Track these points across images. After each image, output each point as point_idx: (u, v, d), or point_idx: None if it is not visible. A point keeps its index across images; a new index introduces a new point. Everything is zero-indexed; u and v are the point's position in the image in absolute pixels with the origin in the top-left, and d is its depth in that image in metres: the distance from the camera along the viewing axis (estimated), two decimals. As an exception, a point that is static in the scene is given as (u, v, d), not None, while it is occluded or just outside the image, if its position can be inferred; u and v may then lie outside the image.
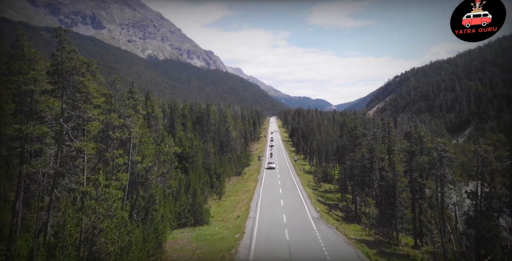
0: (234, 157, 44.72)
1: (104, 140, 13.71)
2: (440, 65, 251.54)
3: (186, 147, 31.41)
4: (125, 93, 15.95)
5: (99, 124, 12.98)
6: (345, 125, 36.03)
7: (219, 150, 47.34)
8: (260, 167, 43.27)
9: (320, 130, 53.04)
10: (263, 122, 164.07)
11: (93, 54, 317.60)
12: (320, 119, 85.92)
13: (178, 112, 46.38)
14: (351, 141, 29.18)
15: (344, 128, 35.96)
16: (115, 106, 14.38)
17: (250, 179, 35.46)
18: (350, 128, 29.46)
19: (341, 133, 37.43)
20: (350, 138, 29.31)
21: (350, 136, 29.33)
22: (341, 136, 36.66)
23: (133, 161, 16.15)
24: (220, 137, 46.96)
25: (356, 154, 26.63)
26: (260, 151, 69.42)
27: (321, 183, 35.56)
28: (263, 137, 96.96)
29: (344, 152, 31.92)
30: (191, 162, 31.40)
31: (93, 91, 13.44)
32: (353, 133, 28.68)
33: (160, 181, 16.13)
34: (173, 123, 40.60)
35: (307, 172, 45.59)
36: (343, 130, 36.36)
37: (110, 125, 13.65)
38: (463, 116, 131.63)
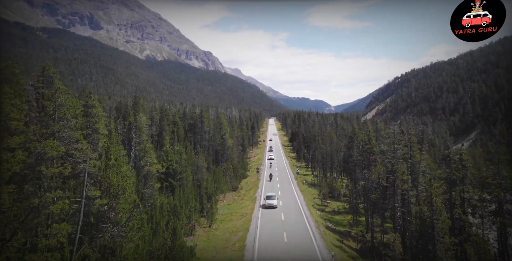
0: (230, 168, 40.59)
1: (33, 179, 9.62)
2: (441, 67, 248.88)
3: (173, 162, 27.25)
4: (73, 109, 11.79)
5: (21, 156, 8.89)
6: (355, 136, 31.85)
7: (213, 159, 43.15)
8: (259, 180, 39.13)
9: (324, 137, 49.09)
10: (262, 124, 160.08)
11: (90, 55, 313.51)
12: (322, 123, 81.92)
13: (169, 118, 42.21)
14: (364, 157, 25.10)
15: (354, 139, 31.81)
16: (54, 129, 10.28)
17: (247, 196, 31.39)
18: (363, 142, 25.35)
19: (350, 144, 33.23)
20: (362, 153, 25.22)
21: (363, 150, 25.23)
22: (350, 147, 32.54)
23: (89, 196, 11.98)
24: (215, 146, 42.84)
25: (371, 173, 22.60)
26: (259, 158, 65.24)
27: (327, 200, 31.49)
28: (262, 141, 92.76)
29: (355, 168, 27.85)
30: (179, 179, 27.22)
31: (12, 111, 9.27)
32: (367, 148, 24.58)
33: (117, 232, 11.90)
34: (162, 132, 36.44)
35: (310, 184, 41.50)
36: (352, 141, 32.20)
37: (44, 157, 9.57)
38: (468, 119, 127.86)
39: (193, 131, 41.60)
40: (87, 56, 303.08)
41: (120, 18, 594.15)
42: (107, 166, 15.91)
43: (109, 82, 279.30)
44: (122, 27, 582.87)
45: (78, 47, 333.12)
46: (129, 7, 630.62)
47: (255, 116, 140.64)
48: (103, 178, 15.27)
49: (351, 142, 33.26)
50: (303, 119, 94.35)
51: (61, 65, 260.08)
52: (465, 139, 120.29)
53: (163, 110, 43.35)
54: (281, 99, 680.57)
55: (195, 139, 41.35)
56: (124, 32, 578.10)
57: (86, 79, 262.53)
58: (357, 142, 29.49)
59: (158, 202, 21.23)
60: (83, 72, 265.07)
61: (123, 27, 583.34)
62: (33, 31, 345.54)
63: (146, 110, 49.81)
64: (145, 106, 48.87)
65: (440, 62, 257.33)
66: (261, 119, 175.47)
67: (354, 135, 32.63)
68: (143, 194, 20.96)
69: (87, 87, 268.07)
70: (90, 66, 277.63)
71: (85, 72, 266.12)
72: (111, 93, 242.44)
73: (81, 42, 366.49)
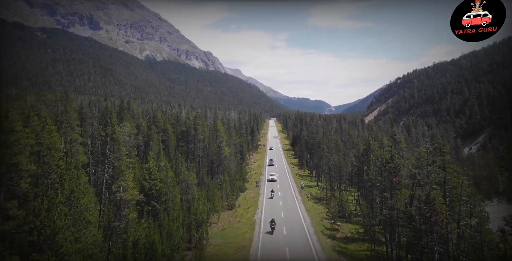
0: (227, 180, 36.42)
1: None
2: (444, 67, 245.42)
3: (158, 181, 23.05)
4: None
5: None
6: (370, 150, 27.46)
7: (208, 171, 38.93)
8: (258, 195, 34.93)
9: (329, 144, 44.99)
10: (262, 126, 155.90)
11: (88, 55, 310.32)
12: (325, 127, 77.67)
13: (159, 125, 38.00)
14: (384, 177, 20.87)
15: (370, 153, 27.45)
16: None
17: (245, 218, 27.24)
18: (384, 160, 21.07)
19: (364, 157, 28.86)
20: (383, 173, 20.94)
21: (384, 170, 20.94)
22: (363, 161, 28.26)
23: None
24: (210, 156, 38.66)
25: (395, 199, 18.41)
26: (259, 165, 61.02)
27: (337, 222, 27.34)
28: (262, 146, 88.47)
29: (372, 188, 23.58)
30: (163, 202, 23.03)
31: None
32: (389, 167, 20.33)
33: None
34: (149, 142, 32.25)
35: (315, 198, 37.33)
36: (367, 155, 27.84)
37: None
38: (476, 122, 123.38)
39: (186, 139, 37.42)
40: (85, 56, 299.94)
41: (119, 19, 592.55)
42: (50, 205, 11.72)
43: (107, 83, 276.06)
44: (122, 28, 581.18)
45: (77, 47, 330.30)
46: (129, 7, 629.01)
47: (255, 118, 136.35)
48: (43, 224, 11.11)
49: (365, 155, 28.83)
50: (305, 123, 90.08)
51: (59, 65, 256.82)
52: (472, 142, 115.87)
53: (154, 116, 39.17)
54: (281, 99, 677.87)
55: (188, 148, 37.14)
56: (123, 33, 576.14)
57: (84, 79, 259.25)
58: (374, 158, 25.26)
59: (132, 237, 17.03)
60: (82, 72, 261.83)
61: (122, 28, 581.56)
62: (32, 32, 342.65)
63: (136, 115, 45.66)
64: (135, 111, 44.72)
65: (442, 62, 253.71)
66: (261, 121, 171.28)
67: (369, 147, 28.29)
68: (114, 228, 16.77)
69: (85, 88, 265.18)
70: (88, 67, 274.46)
71: (83, 73, 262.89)
72: (109, 94, 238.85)
73: (80, 43, 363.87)
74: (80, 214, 13.71)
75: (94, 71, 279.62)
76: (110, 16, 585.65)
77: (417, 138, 77.57)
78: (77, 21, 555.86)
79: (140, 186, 22.71)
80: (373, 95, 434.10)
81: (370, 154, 27.21)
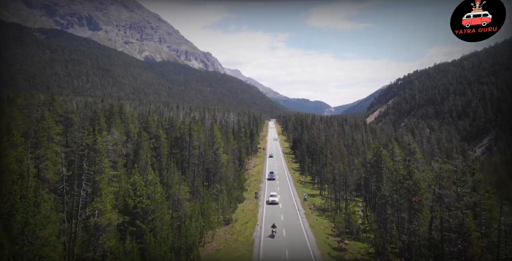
0: (224, 190, 33.78)
1: None
2: (445, 68, 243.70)
3: (144, 197, 20.40)
4: None
5: None
6: (382, 161, 24.67)
7: (204, 180, 36.27)
8: (258, 207, 32.26)
9: (332, 150, 42.42)
10: (261, 128, 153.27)
11: (87, 56, 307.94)
12: (327, 131, 75.09)
13: (151, 131, 35.33)
14: (402, 195, 18.18)
15: (381, 165, 24.74)
16: None
17: (242, 237, 24.61)
18: (402, 176, 18.35)
19: (375, 169, 26.14)
20: (400, 190, 18.20)
21: (401, 187, 18.21)
22: (374, 173, 25.67)
23: None
24: (206, 163, 36.01)
25: (417, 222, 15.74)
26: (258, 170, 58.35)
27: (345, 240, 24.73)
28: (262, 149, 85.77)
29: (385, 205, 20.88)
30: (150, 221, 20.37)
31: None
32: (407, 185, 17.60)
33: None
34: (139, 150, 29.58)
35: (319, 209, 34.72)
36: (379, 167, 25.13)
37: None
38: (480, 124, 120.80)
39: (180, 146, 34.78)
40: (84, 57, 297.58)
41: (119, 19, 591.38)
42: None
43: (106, 84, 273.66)
44: (121, 28, 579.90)
45: (76, 48, 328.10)
46: (128, 8, 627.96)
47: (254, 120, 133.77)
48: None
49: (376, 167, 26.05)
50: (306, 126, 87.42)
51: (57, 66, 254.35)
52: (477, 145, 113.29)
53: (146, 121, 36.53)
54: (281, 100, 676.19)
55: (182, 156, 34.49)
56: (123, 33, 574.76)
57: (82, 80, 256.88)
58: (387, 171, 22.57)
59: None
60: (80, 73, 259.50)
61: (122, 28, 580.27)
62: (30, 32, 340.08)
63: (129, 119, 42.98)
64: (127, 115, 42.04)
65: (443, 63, 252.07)
66: (261, 122, 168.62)
67: (380, 158, 25.51)
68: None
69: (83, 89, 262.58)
70: (87, 67, 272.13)
71: (81, 74, 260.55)
72: (108, 95, 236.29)
73: (78, 43, 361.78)
74: (36, 252, 11.06)
75: (93, 72, 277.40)
76: (109, 16, 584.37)
77: (421, 140, 75.11)
78: (76, 21, 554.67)
79: (123, 204, 20.04)
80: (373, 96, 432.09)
81: (381, 165, 24.50)
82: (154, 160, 31.66)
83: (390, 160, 24.94)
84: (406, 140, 60.54)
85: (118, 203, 20.23)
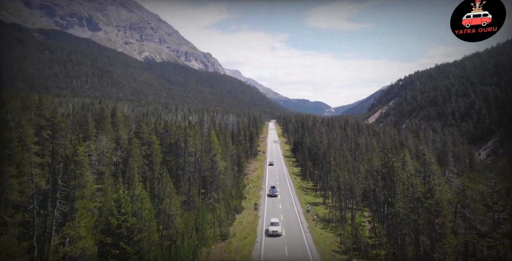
0: (221, 203, 31.64)
1: None
2: (447, 69, 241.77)
3: (129, 215, 18.27)
4: None
5: None
6: (395, 176, 22.02)
7: (200, 189, 34.11)
8: (257, 219, 30.07)
9: (336, 156, 40.39)
10: (261, 129, 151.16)
11: (86, 57, 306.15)
12: (329, 134, 72.95)
13: (143, 136, 33.19)
14: (421, 215, 15.93)
15: (394, 178, 22.33)
16: None
17: (241, 255, 22.49)
18: (422, 195, 16.06)
19: (387, 182, 23.61)
20: (418, 209, 15.92)
21: (420, 206, 15.97)
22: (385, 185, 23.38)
23: None
24: (203, 171, 33.90)
25: (443, 252, 13.57)
26: (258, 175, 56.21)
27: (353, 259, 22.61)
28: (262, 152, 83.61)
29: (401, 224, 18.63)
30: (136, 242, 18.23)
31: None
32: (428, 204, 15.31)
33: None
34: (128, 158, 27.43)
35: (323, 220, 32.59)
36: (391, 180, 22.69)
37: None
38: (484, 126, 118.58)
39: (175, 152, 32.69)
40: (83, 57, 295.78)
41: (118, 20, 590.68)
42: None
43: (105, 84, 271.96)
44: (121, 29, 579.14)
45: (75, 48, 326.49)
46: (128, 8, 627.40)
47: (254, 121, 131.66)
48: None
49: (388, 179, 23.49)
50: (307, 128, 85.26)
51: (56, 67, 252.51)
52: (481, 148, 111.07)
53: (138, 126, 34.39)
54: (281, 100, 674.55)
55: (177, 164, 32.36)
56: (122, 34, 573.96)
57: (81, 81, 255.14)
58: (401, 186, 20.21)
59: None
60: (79, 74, 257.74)
61: (121, 29, 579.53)
62: (30, 33, 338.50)
63: (122, 123, 40.84)
64: (121, 119, 39.88)
65: (445, 64, 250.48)
66: (261, 123, 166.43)
67: (393, 170, 23.02)
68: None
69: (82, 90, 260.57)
70: (86, 68, 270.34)
71: (80, 74, 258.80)
72: (107, 96, 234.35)
73: (78, 44, 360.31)
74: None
75: (92, 72, 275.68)
76: (109, 17, 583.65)
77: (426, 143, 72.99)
78: (76, 22, 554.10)
79: (106, 224, 17.88)
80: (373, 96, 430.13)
81: (394, 178, 22.04)
82: (146, 168, 29.53)
83: (403, 172, 22.65)
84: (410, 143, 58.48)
85: (102, 220, 18.09)
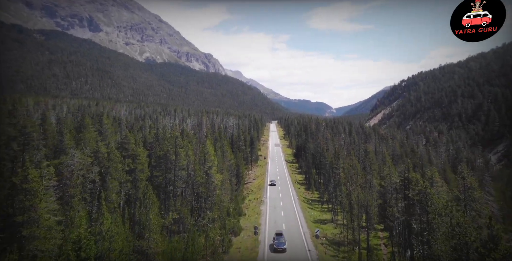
0: (217, 220, 27.82)
1: None
2: (451, 69, 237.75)
3: (91, 260, 14.40)
4: None
5: None
6: (431, 207, 17.18)
7: (191, 209, 30.22)
8: (258, 244, 26.12)
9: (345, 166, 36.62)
10: (262, 132, 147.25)
11: (87, 57, 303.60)
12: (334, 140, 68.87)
13: (128, 147, 29.35)
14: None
15: (428, 207, 18.08)
16: None
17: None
18: (481, 245, 12.12)
19: (417, 208, 19.24)
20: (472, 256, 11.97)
21: (477, 258, 12.05)
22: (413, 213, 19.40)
23: None
24: (196, 187, 30.09)
25: None
26: (259, 185, 52.32)
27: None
28: (263, 158, 79.67)
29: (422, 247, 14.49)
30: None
31: None
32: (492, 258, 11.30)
33: None
34: (106, 176, 23.60)
35: (333, 243, 28.71)
36: (413, 204, 18.47)
37: None
38: (494, 129, 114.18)
39: (164, 166, 28.90)
40: (83, 58, 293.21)
41: (119, 20, 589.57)
42: None
43: (105, 85, 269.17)
44: (122, 29, 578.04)
45: (75, 49, 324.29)
46: (129, 9, 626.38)
47: (255, 123, 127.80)
48: None
49: (421, 209, 18.45)
50: (311, 132, 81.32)
51: (56, 67, 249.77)
52: (491, 151, 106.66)
53: (123, 136, 30.57)
54: (282, 101, 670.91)
55: (165, 179, 28.55)
56: (123, 34, 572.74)
57: (81, 82, 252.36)
58: (432, 214, 16.14)
59: None
60: (79, 75, 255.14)
61: (122, 29, 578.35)
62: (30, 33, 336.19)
63: (109, 130, 37.07)
64: (107, 126, 36.11)
65: (449, 64, 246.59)
66: (262, 125, 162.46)
67: (426, 197, 18.14)
68: None
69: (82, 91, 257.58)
70: (86, 69, 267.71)
71: (80, 75, 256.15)
72: (106, 97, 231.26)
73: (78, 44, 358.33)
74: None
75: (92, 73, 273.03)
76: (110, 18, 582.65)
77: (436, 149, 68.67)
78: (77, 23, 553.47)
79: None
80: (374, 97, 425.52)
81: (428, 208, 17.53)
82: (130, 185, 25.69)
83: (438, 199, 18.19)
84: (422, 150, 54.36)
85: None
